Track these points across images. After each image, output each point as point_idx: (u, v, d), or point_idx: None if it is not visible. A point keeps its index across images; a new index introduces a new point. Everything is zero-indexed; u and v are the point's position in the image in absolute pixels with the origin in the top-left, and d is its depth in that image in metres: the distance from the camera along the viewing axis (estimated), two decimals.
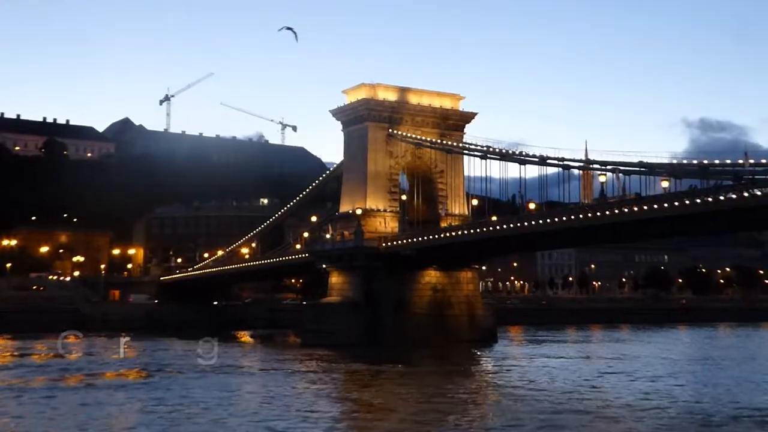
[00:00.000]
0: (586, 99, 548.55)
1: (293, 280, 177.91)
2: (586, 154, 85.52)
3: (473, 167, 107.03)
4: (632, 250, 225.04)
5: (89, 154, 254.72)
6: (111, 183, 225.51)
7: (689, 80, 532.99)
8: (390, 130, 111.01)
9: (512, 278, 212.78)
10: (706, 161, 72.88)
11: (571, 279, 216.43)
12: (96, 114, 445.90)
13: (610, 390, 61.95)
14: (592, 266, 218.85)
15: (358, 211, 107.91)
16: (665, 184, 79.40)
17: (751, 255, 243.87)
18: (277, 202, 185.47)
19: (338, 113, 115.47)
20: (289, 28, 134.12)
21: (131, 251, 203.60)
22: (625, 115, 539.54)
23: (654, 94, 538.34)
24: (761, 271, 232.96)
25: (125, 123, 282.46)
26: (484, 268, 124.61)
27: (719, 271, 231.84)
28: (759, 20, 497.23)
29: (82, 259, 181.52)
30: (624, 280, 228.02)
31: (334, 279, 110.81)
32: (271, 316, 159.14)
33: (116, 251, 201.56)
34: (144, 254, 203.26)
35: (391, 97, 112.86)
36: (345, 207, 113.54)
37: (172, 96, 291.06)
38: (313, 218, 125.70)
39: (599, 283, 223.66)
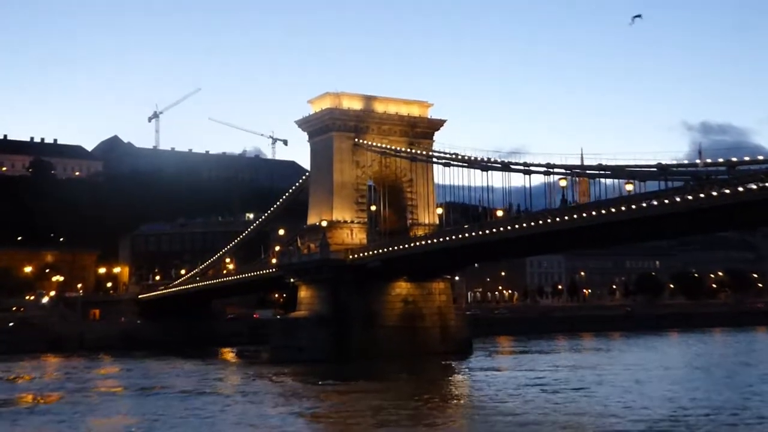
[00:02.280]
0: (585, 104, 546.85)
1: (276, 295, 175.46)
2: (582, 160, 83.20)
3: (449, 176, 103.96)
4: (622, 257, 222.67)
5: (77, 173, 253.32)
6: (99, 201, 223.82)
7: (689, 83, 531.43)
8: (356, 140, 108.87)
9: (500, 288, 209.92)
10: (664, 162, 70.64)
11: (560, 287, 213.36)
12: (85, 133, 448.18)
13: (577, 404, 59.36)
14: (582, 273, 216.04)
15: (323, 223, 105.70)
16: (629, 187, 77.56)
17: (743, 258, 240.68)
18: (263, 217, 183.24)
19: (303, 124, 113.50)
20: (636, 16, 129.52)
21: (116, 269, 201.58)
22: (625, 119, 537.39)
23: (654, 98, 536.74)
24: (754, 275, 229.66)
25: (114, 141, 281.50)
26: (457, 278, 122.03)
27: (712, 276, 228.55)
28: (758, 23, 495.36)
29: (61, 278, 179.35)
30: (614, 286, 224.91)
31: (303, 293, 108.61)
32: (253, 332, 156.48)
33: (102, 270, 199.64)
34: (129, 272, 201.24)
35: (357, 105, 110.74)
36: (312, 219, 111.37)
37: (161, 113, 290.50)
38: (281, 231, 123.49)
39: (589, 290, 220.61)
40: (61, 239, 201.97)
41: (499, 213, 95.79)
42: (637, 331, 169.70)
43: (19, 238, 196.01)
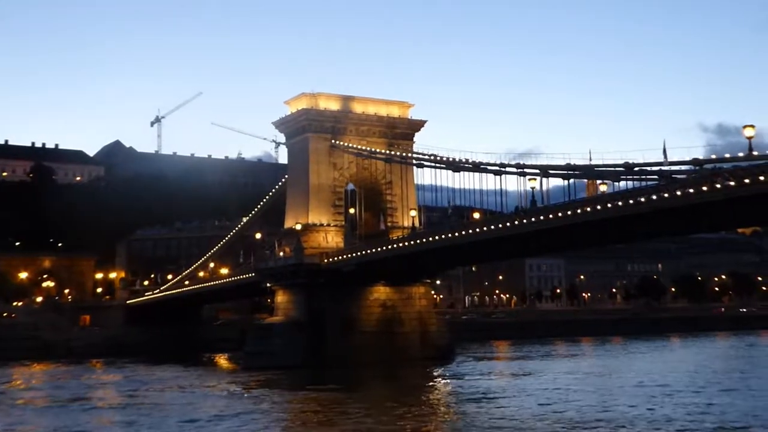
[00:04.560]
0: (599, 106, 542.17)
1: (269, 300, 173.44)
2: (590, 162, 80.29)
3: (433, 178, 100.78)
4: (624, 260, 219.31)
5: (78, 178, 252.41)
6: (99, 206, 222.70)
7: (705, 85, 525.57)
8: (333, 141, 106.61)
9: (497, 292, 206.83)
10: (630, 161, 67.80)
11: (558, 291, 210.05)
12: (87, 138, 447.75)
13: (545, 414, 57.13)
14: (582, 277, 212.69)
15: (298, 227, 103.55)
16: (603, 188, 75.11)
17: (749, 261, 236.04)
18: (259, 220, 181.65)
19: (280, 125, 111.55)
20: None
21: (113, 275, 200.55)
22: (640, 121, 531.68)
23: (669, 100, 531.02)
24: (759, 278, 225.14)
25: (115, 146, 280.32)
26: (437, 282, 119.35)
27: (716, 279, 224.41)
28: None
29: (52, 284, 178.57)
30: (615, 290, 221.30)
31: (280, 298, 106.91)
32: (243, 338, 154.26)
33: (99, 275, 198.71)
34: (126, 277, 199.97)
35: (334, 106, 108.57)
36: (289, 222, 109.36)
37: (163, 117, 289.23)
38: (258, 235, 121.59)
39: (589, 294, 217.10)
40: (60, 244, 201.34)
41: (476, 215, 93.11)
42: (637, 335, 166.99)
43: (17, 244, 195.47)
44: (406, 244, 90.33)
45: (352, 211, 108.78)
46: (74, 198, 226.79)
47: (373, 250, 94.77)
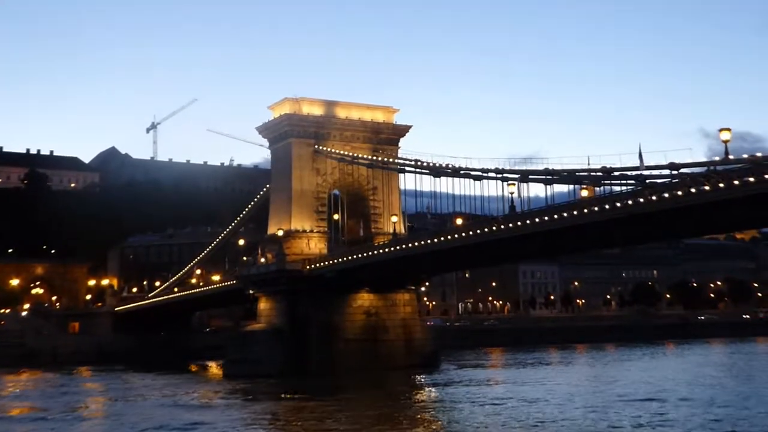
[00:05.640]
0: (600, 110, 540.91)
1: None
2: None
3: (419, 184, 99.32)
4: (619, 266, 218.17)
5: (73, 185, 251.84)
6: (93, 213, 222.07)
7: (706, 90, 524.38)
8: (316, 146, 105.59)
9: (490, 298, 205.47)
10: (608, 165, 66.67)
11: (552, 297, 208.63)
12: (83, 145, 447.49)
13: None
14: (576, 284, 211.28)
15: (280, 233, 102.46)
16: (584, 192, 73.88)
17: (744, 267, 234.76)
18: (252, 227, 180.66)
19: (263, 130, 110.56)
20: None
21: (105, 281, 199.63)
22: (641, 126, 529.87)
23: (671, 105, 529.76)
24: (755, 284, 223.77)
25: (111, 152, 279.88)
26: (422, 288, 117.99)
27: (711, 285, 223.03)
28: None
29: (41, 291, 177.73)
30: (609, 297, 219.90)
31: (262, 305, 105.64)
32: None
33: (92, 282, 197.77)
34: (118, 284, 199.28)
35: (317, 111, 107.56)
36: (272, 229, 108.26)
37: (158, 124, 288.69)
38: (241, 242, 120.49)
39: (583, 300, 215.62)
40: (53, 251, 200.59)
41: (459, 221, 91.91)
42: (632, 342, 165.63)
43: (10, 251, 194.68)
44: (387, 250, 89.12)
45: (336, 217, 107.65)
46: (68, 204, 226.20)
47: (354, 257, 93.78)
